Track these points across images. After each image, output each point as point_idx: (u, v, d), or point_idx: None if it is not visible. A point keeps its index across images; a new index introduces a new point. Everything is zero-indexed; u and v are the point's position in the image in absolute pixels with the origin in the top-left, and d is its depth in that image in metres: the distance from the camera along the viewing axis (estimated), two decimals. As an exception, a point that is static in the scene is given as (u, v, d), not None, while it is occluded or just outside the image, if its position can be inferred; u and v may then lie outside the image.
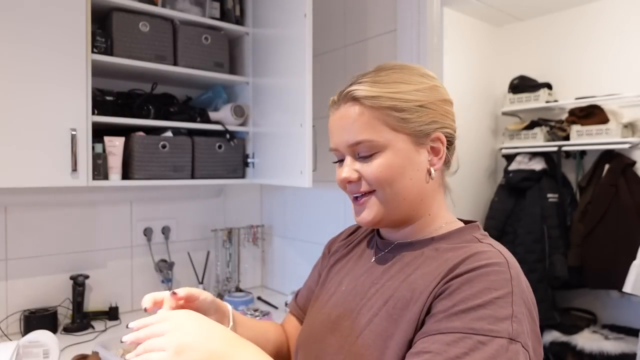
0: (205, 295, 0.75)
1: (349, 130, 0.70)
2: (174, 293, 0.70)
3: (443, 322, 0.57)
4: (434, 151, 0.71)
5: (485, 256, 0.62)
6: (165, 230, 1.96)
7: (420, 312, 0.62)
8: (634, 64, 2.54)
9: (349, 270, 0.81)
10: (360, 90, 0.69)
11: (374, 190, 0.71)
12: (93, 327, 1.66)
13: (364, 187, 0.71)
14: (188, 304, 0.73)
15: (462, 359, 0.52)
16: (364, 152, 0.69)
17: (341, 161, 0.74)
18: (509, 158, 2.85)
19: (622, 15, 2.58)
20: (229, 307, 0.80)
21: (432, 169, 0.70)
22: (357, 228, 0.91)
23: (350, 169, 0.71)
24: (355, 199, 0.74)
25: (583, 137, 2.53)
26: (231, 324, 0.78)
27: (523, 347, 0.55)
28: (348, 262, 0.83)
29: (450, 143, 0.73)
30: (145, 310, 0.70)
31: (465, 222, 0.76)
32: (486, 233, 0.73)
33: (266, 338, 0.86)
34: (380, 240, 0.80)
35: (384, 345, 0.63)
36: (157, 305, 0.71)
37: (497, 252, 0.64)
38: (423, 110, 0.69)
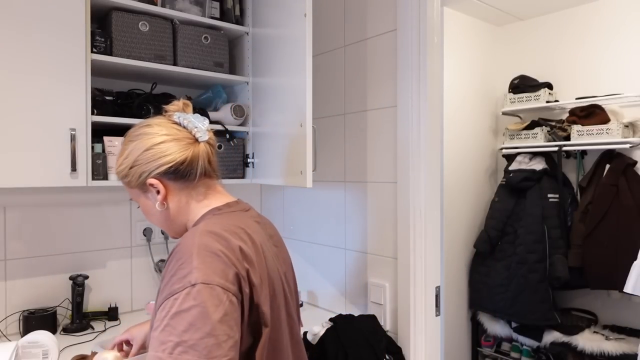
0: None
1: None
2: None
3: (159, 299, 0.79)
4: (156, 191, 0.93)
5: (179, 242, 0.83)
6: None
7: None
8: (635, 64, 2.54)
9: None
10: None
11: None
12: (92, 328, 1.66)
13: None
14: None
15: (166, 316, 0.74)
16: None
17: None
18: (510, 158, 2.84)
19: (623, 14, 2.58)
20: None
21: (158, 204, 0.94)
22: None
23: None
24: None
25: (584, 137, 2.53)
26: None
27: (205, 284, 0.75)
28: None
29: (171, 169, 0.92)
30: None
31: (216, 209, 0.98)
32: (214, 213, 0.93)
33: None
34: None
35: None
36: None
37: (191, 233, 0.84)
38: (133, 170, 0.93)
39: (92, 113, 1.50)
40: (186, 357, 0.70)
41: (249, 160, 1.88)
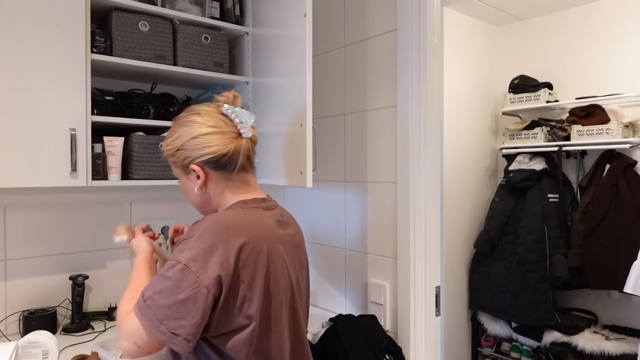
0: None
1: None
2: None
3: None
4: (196, 176, 1.02)
5: (202, 220, 0.93)
6: (165, 230, 1.96)
7: None
8: (635, 64, 2.54)
9: None
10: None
11: None
12: (92, 328, 1.66)
13: None
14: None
15: (161, 269, 0.88)
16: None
17: None
18: (510, 158, 2.85)
19: (623, 14, 2.58)
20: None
21: (197, 188, 1.03)
22: None
23: None
24: None
25: (584, 137, 2.53)
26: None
27: (186, 266, 0.86)
28: None
29: (213, 159, 1.00)
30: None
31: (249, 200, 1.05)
32: (239, 206, 1.01)
33: None
34: None
35: None
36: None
37: (210, 217, 0.93)
38: (179, 153, 1.02)
39: (92, 113, 1.50)
40: (149, 311, 0.85)
41: (249, 160, 1.88)
